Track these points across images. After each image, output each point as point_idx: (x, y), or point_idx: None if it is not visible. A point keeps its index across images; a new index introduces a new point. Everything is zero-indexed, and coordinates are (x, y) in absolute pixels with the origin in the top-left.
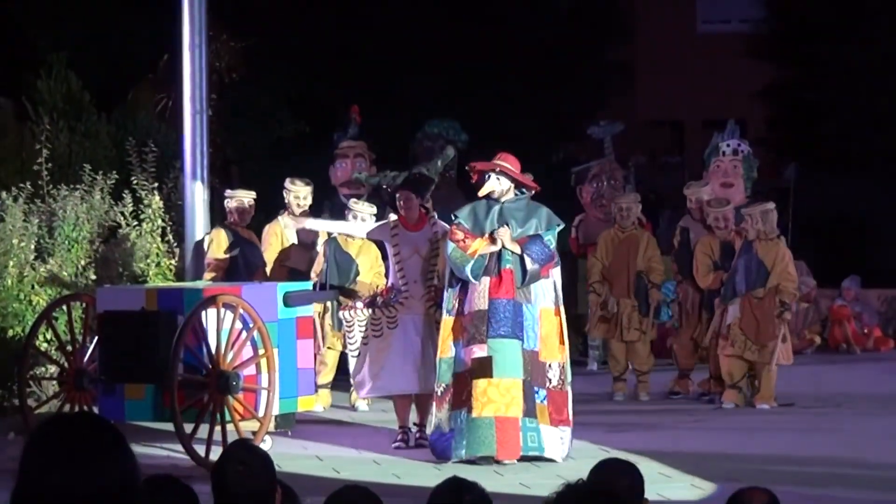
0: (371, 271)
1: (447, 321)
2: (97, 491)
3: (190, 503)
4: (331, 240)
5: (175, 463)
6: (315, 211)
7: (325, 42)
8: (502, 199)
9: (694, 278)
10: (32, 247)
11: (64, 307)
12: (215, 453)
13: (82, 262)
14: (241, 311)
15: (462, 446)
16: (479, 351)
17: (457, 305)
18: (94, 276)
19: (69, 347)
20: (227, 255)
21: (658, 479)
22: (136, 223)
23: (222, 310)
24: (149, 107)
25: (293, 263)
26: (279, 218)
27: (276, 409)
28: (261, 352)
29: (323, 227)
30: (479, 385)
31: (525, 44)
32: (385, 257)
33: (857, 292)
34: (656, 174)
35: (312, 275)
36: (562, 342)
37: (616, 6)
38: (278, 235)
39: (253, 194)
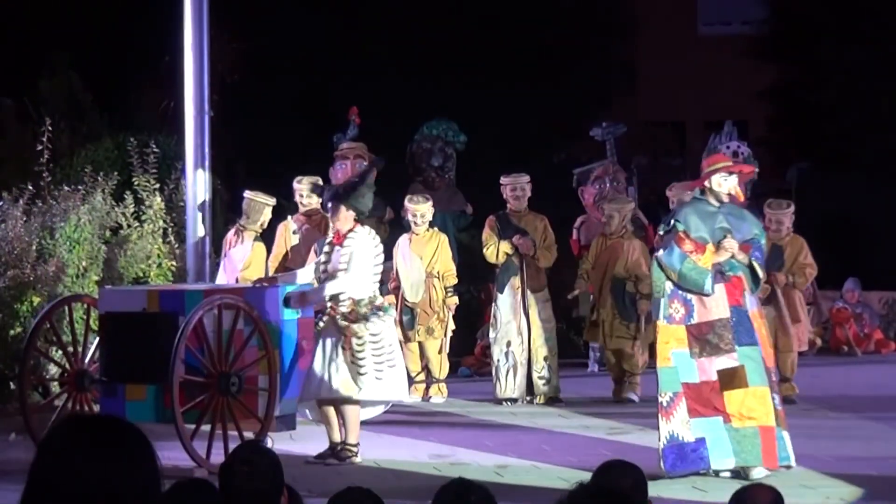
0: None
1: (667, 328)
2: (115, 490)
3: None
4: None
5: (176, 464)
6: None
7: (325, 43)
8: (719, 203)
9: None
10: (34, 247)
11: (65, 308)
12: (216, 454)
13: (83, 263)
14: (242, 311)
15: (725, 456)
16: (728, 361)
17: (681, 312)
18: (95, 277)
19: (70, 348)
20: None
21: (658, 480)
22: (137, 224)
23: (224, 311)
24: (150, 108)
25: (291, 265)
26: (289, 217)
27: (278, 410)
28: (262, 353)
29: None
30: (735, 396)
31: (526, 45)
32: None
33: (859, 294)
34: (658, 175)
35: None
36: (772, 345)
37: (618, 7)
38: (283, 236)
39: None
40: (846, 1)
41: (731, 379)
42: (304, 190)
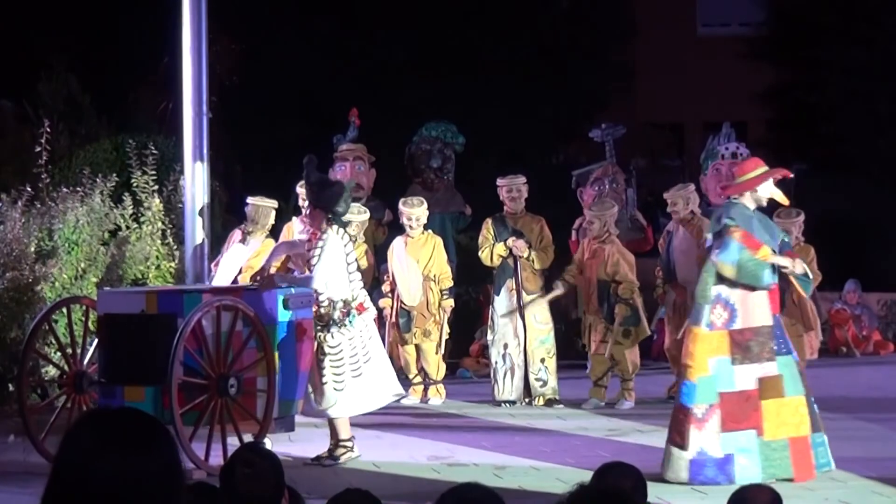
0: None
1: (708, 336)
2: (134, 483)
3: None
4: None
5: None
6: None
7: (324, 45)
8: (754, 208)
9: (678, 282)
10: (32, 249)
11: (64, 310)
12: (214, 456)
13: (82, 265)
14: (241, 313)
15: (755, 469)
16: (769, 369)
17: (725, 318)
18: (94, 279)
19: (69, 350)
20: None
21: (657, 482)
22: (136, 226)
23: (223, 312)
24: (149, 109)
25: (294, 267)
26: (294, 218)
27: (276, 411)
28: (260, 355)
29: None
30: (771, 406)
31: (525, 46)
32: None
33: (859, 296)
34: (656, 176)
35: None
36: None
37: (616, 9)
38: (287, 237)
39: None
40: (845, 2)
41: (769, 388)
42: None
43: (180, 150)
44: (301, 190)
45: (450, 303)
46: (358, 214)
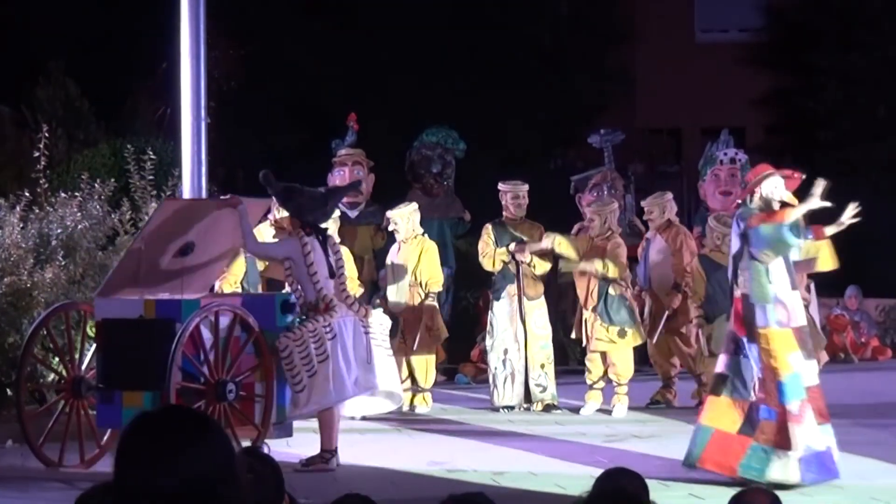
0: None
1: (780, 333)
2: (181, 485)
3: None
4: None
5: None
6: None
7: (323, 50)
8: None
9: (654, 289)
10: (30, 254)
11: (62, 315)
12: None
13: (80, 270)
14: (239, 319)
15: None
16: (816, 366)
17: (788, 316)
18: (92, 284)
19: (67, 355)
20: None
21: (655, 487)
22: (134, 231)
23: (221, 318)
24: (147, 115)
25: (270, 273)
26: (260, 226)
27: (274, 417)
28: (258, 360)
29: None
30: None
31: (524, 51)
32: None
33: (859, 302)
34: (654, 182)
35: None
36: None
37: (615, 15)
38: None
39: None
40: (843, 8)
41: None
42: None
43: (178, 155)
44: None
45: (432, 305)
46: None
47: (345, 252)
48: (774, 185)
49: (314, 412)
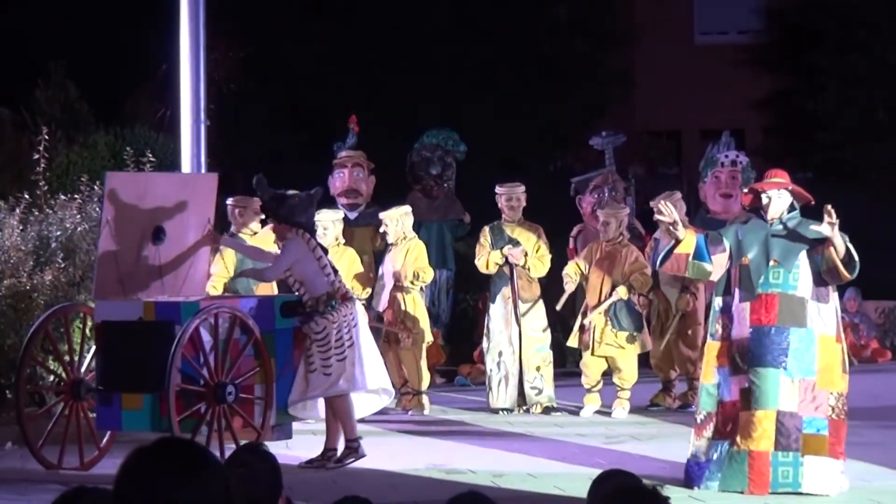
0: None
1: (711, 345)
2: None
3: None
4: None
5: None
6: None
7: (323, 52)
8: (775, 221)
9: (662, 290)
10: (30, 256)
11: (61, 317)
12: None
13: (80, 273)
14: (238, 321)
15: (716, 478)
16: (744, 381)
17: (720, 330)
18: (91, 286)
19: (67, 357)
20: None
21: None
22: None
23: (220, 320)
24: (147, 116)
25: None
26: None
27: (274, 419)
28: (258, 362)
29: (236, 247)
30: (742, 417)
31: (524, 54)
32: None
33: (859, 304)
34: (654, 184)
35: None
36: (844, 371)
37: (614, 17)
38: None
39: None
40: (842, 10)
41: (743, 400)
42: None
43: (178, 156)
44: (231, 202)
45: (414, 308)
46: (328, 218)
47: (351, 253)
48: (780, 203)
49: (331, 394)
